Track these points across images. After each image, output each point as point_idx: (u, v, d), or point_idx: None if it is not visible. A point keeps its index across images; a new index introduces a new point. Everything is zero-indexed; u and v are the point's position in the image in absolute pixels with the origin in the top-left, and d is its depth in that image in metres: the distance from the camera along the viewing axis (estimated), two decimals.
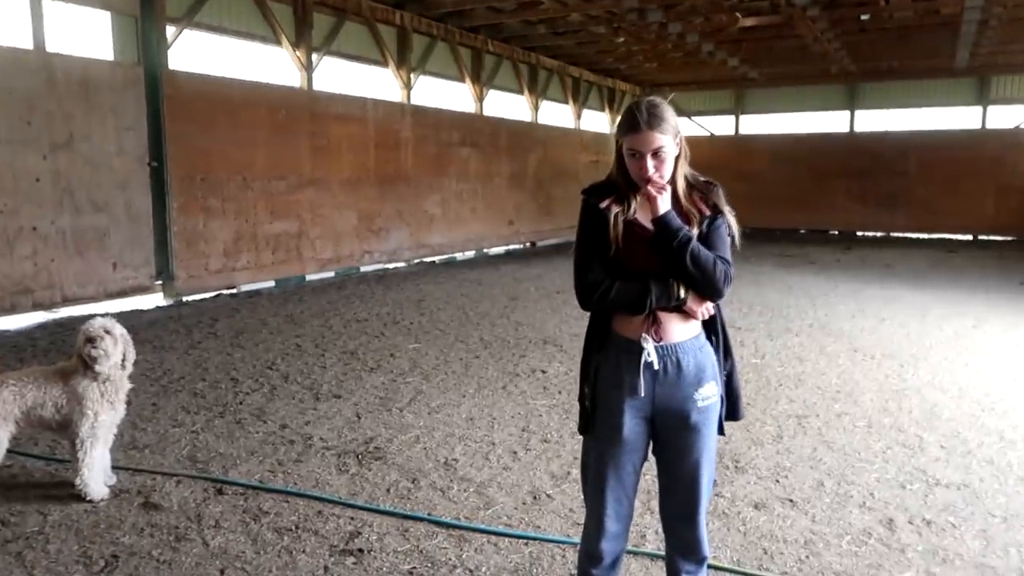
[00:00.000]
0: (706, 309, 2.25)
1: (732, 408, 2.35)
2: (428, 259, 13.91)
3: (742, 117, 22.28)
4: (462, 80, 15.10)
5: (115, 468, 3.77)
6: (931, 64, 18.17)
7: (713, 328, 2.31)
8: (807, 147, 20.98)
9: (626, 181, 2.26)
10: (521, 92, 17.17)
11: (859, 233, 20.54)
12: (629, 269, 2.22)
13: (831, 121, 21.01)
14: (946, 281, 11.28)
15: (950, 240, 18.88)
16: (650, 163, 2.17)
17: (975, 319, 8.17)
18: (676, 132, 2.20)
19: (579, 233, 2.31)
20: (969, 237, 19.31)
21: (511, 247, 16.71)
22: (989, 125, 19.49)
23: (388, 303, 9.09)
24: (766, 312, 8.58)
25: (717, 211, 2.25)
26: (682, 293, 2.19)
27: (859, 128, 20.73)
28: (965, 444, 4.36)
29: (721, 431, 2.33)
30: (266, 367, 6.00)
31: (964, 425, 4.69)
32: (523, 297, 9.65)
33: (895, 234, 19.99)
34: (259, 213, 10.42)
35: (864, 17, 13.89)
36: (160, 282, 9.30)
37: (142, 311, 8.53)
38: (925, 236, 19.67)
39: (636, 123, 2.16)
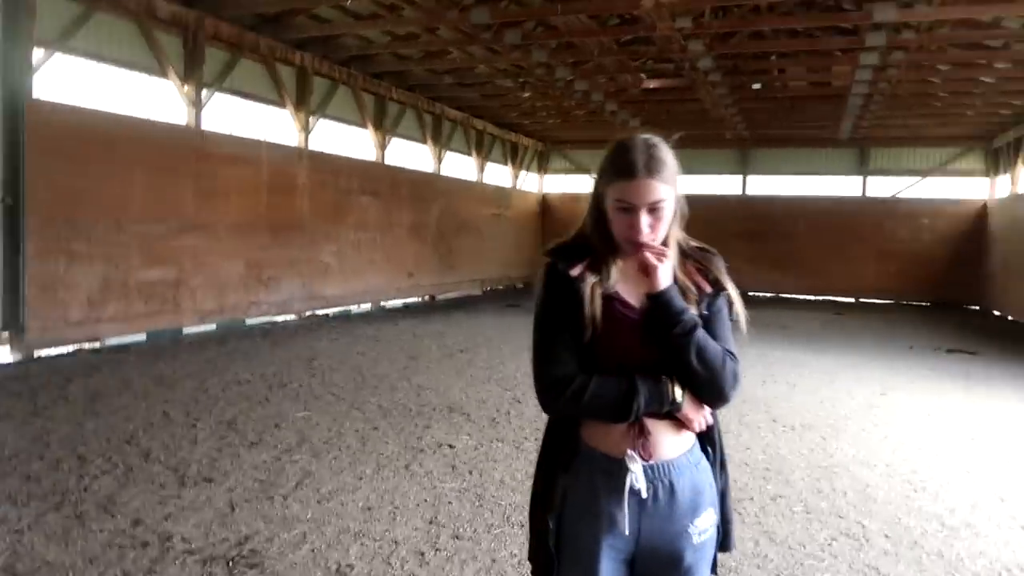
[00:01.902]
0: (704, 417, 1.76)
1: (725, 536, 1.84)
2: (321, 311, 13.04)
3: None
4: (364, 126, 14.54)
5: None
6: (818, 134, 19.12)
7: (709, 437, 1.81)
8: (703, 208, 21.43)
9: (605, 242, 1.77)
10: (424, 142, 16.76)
11: (750, 293, 21.08)
12: (607, 361, 1.71)
13: (725, 184, 21.69)
14: (842, 344, 11.45)
15: (836, 302, 19.61)
16: (645, 221, 1.68)
17: (880, 385, 8.16)
18: (677, 182, 1.73)
19: (542, 310, 1.78)
20: (852, 300, 20.16)
21: (410, 300, 16.04)
22: (869, 194, 20.63)
23: (275, 362, 8.24)
24: None
25: (718, 287, 1.78)
26: (678, 395, 1.70)
27: (751, 192, 21.48)
28: (909, 533, 4.05)
29: (714, 569, 1.82)
30: (123, 441, 5.09)
31: (902, 509, 4.41)
32: (424, 356, 9.01)
33: (784, 295, 20.60)
34: (132, 258, 9.37)
35: (756, 86, 14.39)
36: (7, 333, 8.11)
37: None
38: (812, 297, 20.38)
39: (631, 167, 1.67)
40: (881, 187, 20.56)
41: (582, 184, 22.90)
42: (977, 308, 18.63)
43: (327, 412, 6.08)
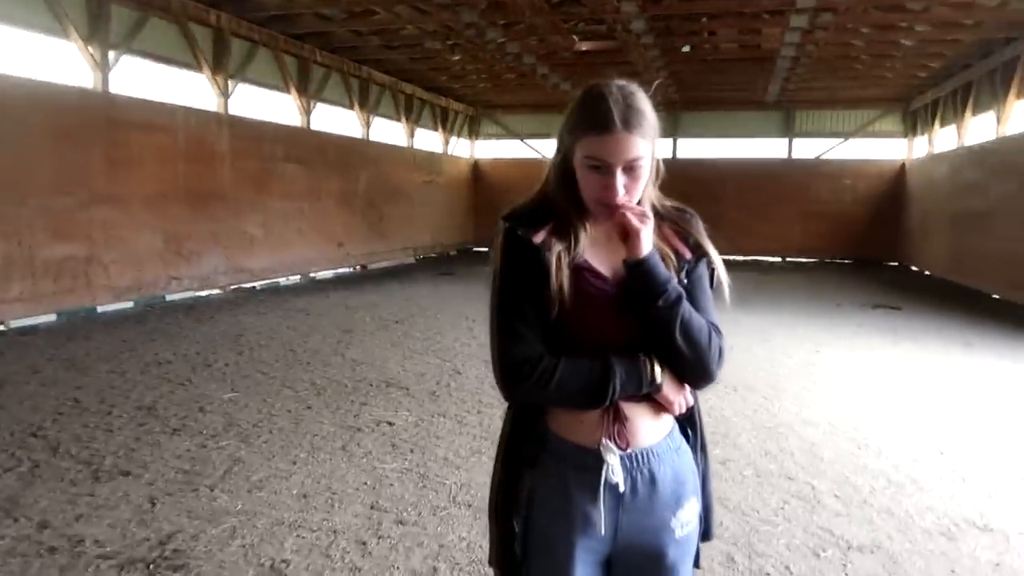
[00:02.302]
0: (686, 397, 1.57)
1: (706, 526, 1.67)
2: (248, 285, 12.49)
3: None
4: (287, 91, 13.87)
5: None
6: (746, 96, 19.26)
7: (690, 418, 1.62)
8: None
9: (571, 205, 1.54)
10: (351, 107, 16.15)
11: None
12: (577, 339, 1.50)
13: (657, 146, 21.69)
14: (773, 303, 11.62)
15: (763, 262, 20.01)
16: (620, 181, 1.46)
17: (814, 343, 8.27)
18: (656, 136, 1.51)
19: (501, 283, 1.54)
20: (779, 259, 20.62)
21: (341, 271, 15.57)
22: (794, 155, 21.02)
23: (199, 340, 7.79)
24: None
25: (699, 252, 1.58)
26: (658, 375, 1.50)
27: (680, 155, 21.61)
28: (858, 492, 4.03)
29: (697, 563, 1.65)
30: (29, 434, 4.66)
31: (848, 468, 4.40)
32: (358, 329, 8.68)
33: None
34: (36, 234, 8.69)
35: (686, 48, 14.33)
36: None
37: None
38: (741, 258, 20.73)
39: (606, 120, 1.44)
40: (806, 149, 20.98)
41: (514, 149, 22.63)
42: (896, 264, 19.30)
43: (256, 392, 5.73)
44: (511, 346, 1.49)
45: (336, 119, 15.82)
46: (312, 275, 14.44)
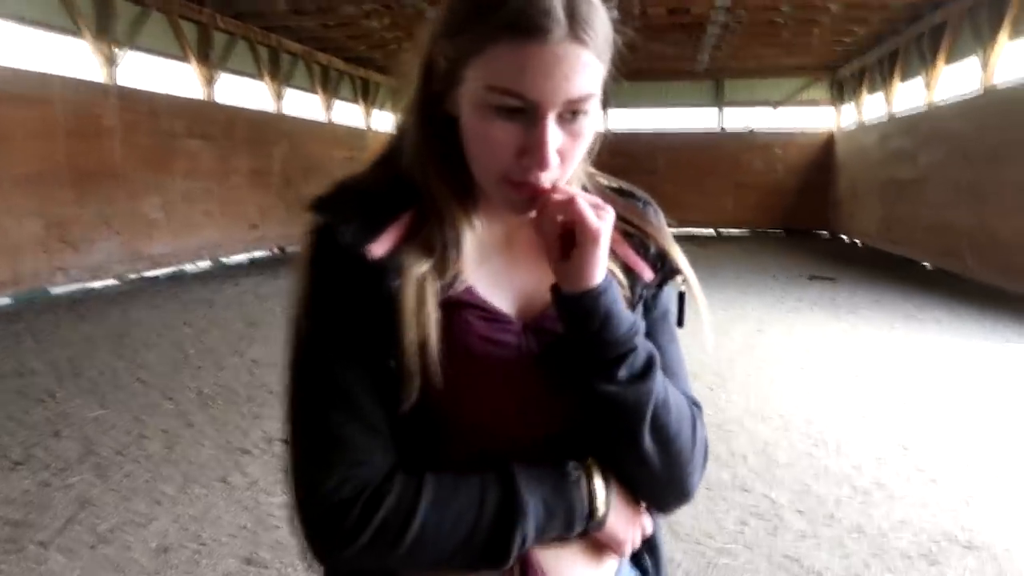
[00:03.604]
0: (642, 528, 0.94)
1: None
2: (149, 274, 11.41)
3: None
4: (185, 60, 12.69)
5: None
6: (675, 65, 18.82)
7: (649, 544, 0.99)
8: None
9: (448, 184, 0.89)
10: (261, 78, 15.01)
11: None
12: (456, 437, 0.87)
13: None
14: (709, 278, 11.22)
15: (697, 235, 19.77)
16: (555, 137, 0.82)
17: (756, 322, 7.86)
18: (607, 66, 0.86)
19: (305, 334, 0.88)
20: (712, 232, 20.43)
21: (256, 255, 14.54)
22: (725, 126, 20.81)
23: (76, 341, 6.83)
24: None
25: (667, 268, 0.97)
26: (600, 501, 0.87)
27: (613, 126, 21.09)
28: (822, 504, 3.53)
29: None
30: None
31: (807, 473, 3.91)
32: (265, 322, 7.83)
33: None
34: None
35: (613, 15, 13.72)
36: None
37: None
38: (675, 231, 20.34)
39: (539, 11, 0.77)
40: (736, 118, 20.80)
41: None
42: (826, 234, 19.34)
43: (128, 407, 4.88)
44: (323, 464, 0.82)
45: (245, 91, 14.67)
46: (223, 260, 13.39)
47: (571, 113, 0.81)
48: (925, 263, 12.78)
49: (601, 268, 0.82)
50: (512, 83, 0.78)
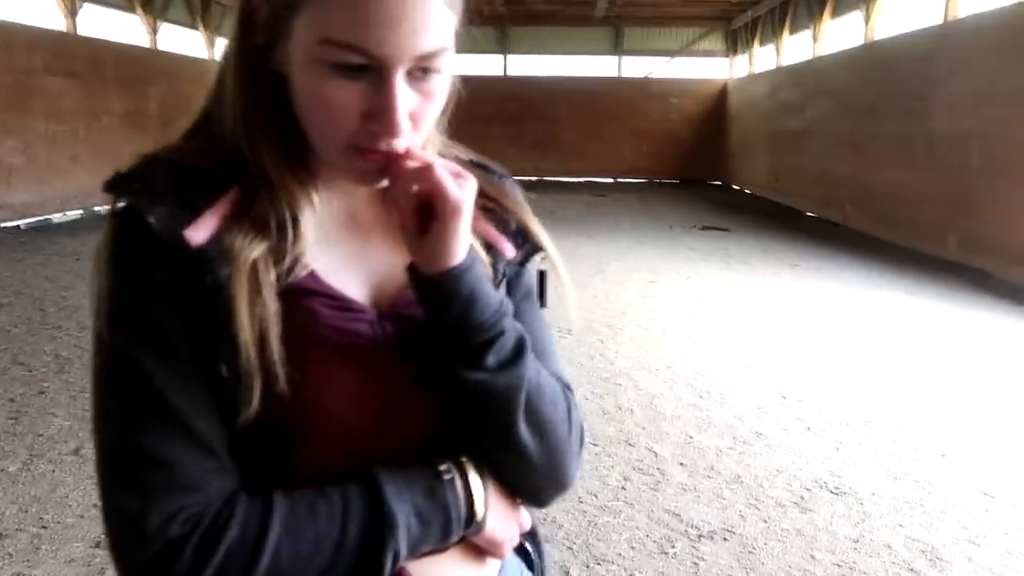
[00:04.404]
0: (520, 525, 0.84)
1: None
2: (8, 224, 10.46)
3: None
4: None
5: None
6: (575, 11, 18.61)
7: (530, 534, 0.90)
8: (463, 89, 20.53)
9: (282, 153, 0.74)
10: (133, 11, 13.84)
11: (514, 177, 20.73)
12: (307, 445, 0.73)
13: (486, 64, 20.74)
14: (607, 227, 11.32)
15: (595, 183, 19.88)
16: (407, 98, 0.70)
17: (650, 272, 7.95)
18: (460, 19, 0.74)
19: (112, 337, 0.69)
20: (611, 180, 20.59)
21: None
22: (624, 74, 20.84)
23: None
24: None
25: (528, 244, 0.87)
26: (479, 503, 0.77)
27: (511, 72, 20.78)
28: (704, 456, 3.57)
29: None
30: None
31: (691, 425, 3.95)
32: None
33: (547, 178, 20.44)
34: None
35: None
36: None
37: None
38: (573, 179, 20.47)
39: None
40: (635, 67, 20.85)
41: None
42: (719, 184, 19.84)
43: None
44: (145, 496, 0.67)
45: (113, 24, 13.51)
46: (96, 210, 12.45)
47: (422, 70, 0.70)
48: (809, 212, 13.31)
49: (463, 244, 0.72)
50: (352, 36, 0.66)
